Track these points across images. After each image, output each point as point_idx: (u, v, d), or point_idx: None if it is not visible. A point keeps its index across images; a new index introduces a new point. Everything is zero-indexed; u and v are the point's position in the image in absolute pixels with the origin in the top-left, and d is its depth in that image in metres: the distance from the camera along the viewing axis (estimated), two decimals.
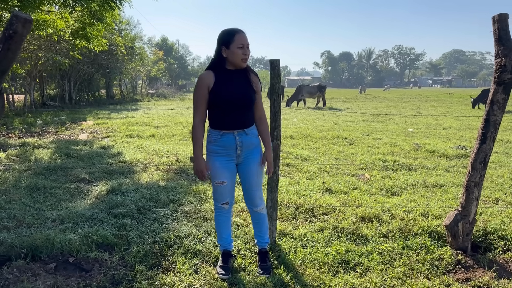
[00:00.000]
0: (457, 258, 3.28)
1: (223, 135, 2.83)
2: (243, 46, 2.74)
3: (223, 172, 2.90)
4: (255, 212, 3.09)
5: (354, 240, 3.63)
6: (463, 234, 3.39)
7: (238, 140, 2.84)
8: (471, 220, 3.38)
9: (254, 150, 2.94)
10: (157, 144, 8.54)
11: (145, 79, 43.79)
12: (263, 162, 2.97)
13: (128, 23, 35.18)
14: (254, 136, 2.93)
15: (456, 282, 2.94)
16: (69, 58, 17.42)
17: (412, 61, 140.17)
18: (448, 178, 5.86)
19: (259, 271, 3.01)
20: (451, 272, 3.12)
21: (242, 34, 2.76)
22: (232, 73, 2.83)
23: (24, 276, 2.85)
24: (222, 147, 2.86)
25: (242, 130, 2.84)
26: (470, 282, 2.96)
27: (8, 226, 3.76)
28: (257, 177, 2.98)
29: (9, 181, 5.30)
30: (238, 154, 2.88)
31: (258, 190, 3.01)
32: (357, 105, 24.12)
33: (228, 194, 3.01)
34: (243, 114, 2.83)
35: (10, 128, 11.18)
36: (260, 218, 3.11)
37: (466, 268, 3.17)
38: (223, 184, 2.93)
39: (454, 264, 3.21)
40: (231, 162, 2.92)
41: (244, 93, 2.80)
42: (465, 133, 11.06)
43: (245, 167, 2.94)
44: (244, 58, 2.76)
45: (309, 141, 9.32)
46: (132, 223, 3.89)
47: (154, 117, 14.95)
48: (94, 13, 10.67)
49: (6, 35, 2.57)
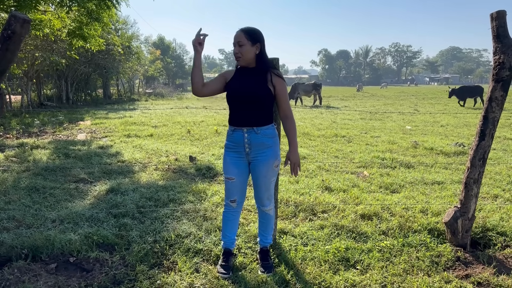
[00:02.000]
0: (456, 254, 3.30)
1: (234, 130, 2.90)
2: (235, 44, 2.83)
3: (232, 168, 2.93)
4: (262, 212, 3.12)
5: (354, 237, 3.64)
6: (462, 231, 3.40)
7: (246, 137, 2.85)
8: (470, 217, 3.39)
9: (266, 151, 2.89)
10: (155, 144, 8.54)
11: (142, 79, 43.69)
12: (286, 163, 2.93)
13: (125, 23, 35.05)
14: (267, 137, 2.88)
15: (456, 279, 2.96)
16: (66, 58, 17.38)
17: (409, 59, 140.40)
18: (446, 175, 5.88)
19: (261, 270, 3.02)
20: (451, 268, 3.14)
21: (236, 32, 2.83)
22: (246, 71, 2.90)
23: (25, 277, 2.84)
24: (233, 142, 2.92)
25: (251, 128, 2.84)
26: (470, 278, 2.97)
27: (8, 227, 3.76)
28: (266, 178, 2.94)
29: (8, 182, 5.29)
30: (246, 152, 2.89)
31: (266, 191, 2.99)
32: (355, 103, 24.14)
33: (236, 192, 3.01)
34: (252, 112, 2.83)
35: (8, 129, 11.14)
36: (267, 218, 3.14)
37: (465, 265, 3.18)
38: (231, 180, 2.96)
39: (454, 261, 3.22)
40: (241, 160, 2.93)
41: (251, 91, 2.80)
42: (462, 130, 11.09)
43: (254, 166, 2.94)
44: (235, 56, 2.85)
45: (308, 139, 9.33)
46: (132, 223, 3.89)
47: (152, 116, 14.93)
48: (91, 12, 10.64)
49: (5, 36, 2.56)
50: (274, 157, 2.92)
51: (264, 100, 2.84)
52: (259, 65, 2.87)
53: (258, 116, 2.85)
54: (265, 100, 2.84)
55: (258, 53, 2.84)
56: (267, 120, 2.89)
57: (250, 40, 2.79)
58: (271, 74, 2.88)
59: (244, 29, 2.82)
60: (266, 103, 2.86)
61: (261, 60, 2.86)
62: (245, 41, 2.79)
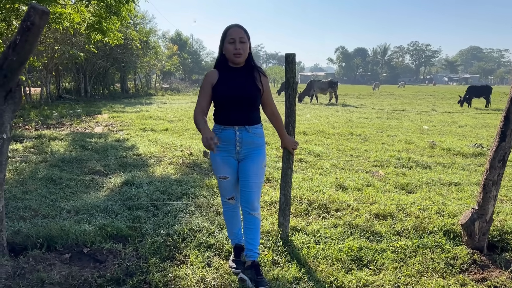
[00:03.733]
0: (473, 257, 3.23)
1: (223, 129, 2.82)
2: (234, 41, 2.71)
3: (225, 167, 2.89)
4: (250, 216, 2.87)
5: (367, 237, 3.60)
6: (479, 233, 3.34)
7: (238, 135, 2.81)
8: (488, 219, 3.32)
9: (256, 149, 2.87)
10: (170, 138, 8.58)
11: (159, 74, 44.01)
12: (285, 150, 2.96)
13: (143, 17, 35.33)
14: (257, 136, 2.87)
15: (472, 282, 2.90)
16: (84, 52, 17.55)
17: (427, 58, 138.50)
18: (464, 176, 5.77)
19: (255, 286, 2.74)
20: (466, 271, 3.08)
21: (234, 28, 2.74)
22: (235, 70, 2.83)
23: (40, 266, 2.88)
24: (222, 141, 2.83)
25: (243, 127, 2.81)
26: (486, 282, 2.91)
27: (25, 216, 3.82)
28: (257, 177, 2.87)
29: (25, 172, 5.37)
30: (237, 150, 2.84)
31: (257, 191, 2.89)
32: (371, 102, 23.90)
33: (233, 189, 2.98)
34: (245, 111, 2.81)
35: (27, 120, 11.33)
36: (256, 224, 2.90)
37: (482, 268, 3.12)
38: (226, 179, 2.92)
39: (470, 264, 3.16)
40: (231, 158, 2.88)
41: (245, 91, 2.78)
42: (481, 131, 10.88)
43: (244, 165, 2.87)
44: (235, 53, 2.73)
45: (323, 137, 9.26)
46: (146, 216, 3.91)
47: (167, 111, 15.02)
48: (110, 6, 10.72)
49: (24, 27, 2.59)
50: (263, 157, 2.92)
51: (257, 99, 2.84)
52: (249, 63, 2.84)
53: (250, 115, 2.83)
54: (257, 99, 2.85)
55: (249, 51, 2.82)
56: (258, 119, 2.90)
57: (247, 37, 2.77)
58: (259, 73, 2.86)
59: (240, 25, 2.78)
60: (258, 102, 2.87)
61: (251, 58, 2.85)
62: (245, 38, 2.75)
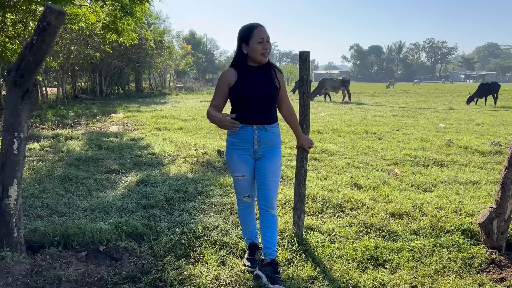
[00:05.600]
0: (491, 257, 3.18)
1: (242, 128, 2.80)
2: (262, 41, 2.71)
3: (242, 165, 2.88)
4: (268, 215, 2.87)
5: (383, 236, 3.56)
6: (497, 233, 3.28)
7: (256, 134, 2.80)
8: (506, 218, 3.26)
9: (273, 148, 2.88)
10: (185, 137, 8.63)
11: (173, 73, 44.25)
12: (300, 149, 3.01)
13: (158, 17, 35.58)
14: (274, 134, 2.87)
15: (490, 282, 2.85)
16: (100, 52, 17.77)
17: (444, 55, 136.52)
18: (481, 174, 5.68)
19: (271, 285, 2.73)
20: (484, 271, 3.03)
21: (260, 28, 2.74)
22: (254, 69, 2.83)
23: (57, 263, 2.92)
24: (240, 139, 2.83)
25: (262, 126, 2.80)
26: (505, 282, 2.86)
27: (42, 214, 3.87)
28: (274, 176, 2.88)
29: (42, 171, 5.45)
30: (255, 149, 2.84)
31: (274, 190, 2.89)
32: (387, 100, 23.67)
33: (249, 188, 2.98)
34: (264, 110, 2.81)
35: (44, 120, 11.51)
36: (274, 222, 2.89)
37: (500, 268, 3.06)
38: (242, 177, 2.91)
39: (488, 263, 3.11)
40: (248, 156, 2.88)
41: (265, 90, 2.78)
42: (499, 129, 10.69)
43: (262, 164, 2.87)
44: (264, 53, 2.74)
45: (337, 135, 9.20)
46: (161, 214, 3.94)
47: (182, 110, 15.10)
48: (125, 7, 10.82)
49: (40, 27, 2.62)
50: (280, 156, 2.94)
51: (276, 97, 2.86)
52: (267, 62, 2.83)
53: (269, 114, 2.83)
54: (276, 97, 2.86)
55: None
56: (275, 117, 2.89)
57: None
58: (275, 70, 2.86)
59: (262, 24, 2.77)
60: (276, 100, 2.88)
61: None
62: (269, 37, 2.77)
